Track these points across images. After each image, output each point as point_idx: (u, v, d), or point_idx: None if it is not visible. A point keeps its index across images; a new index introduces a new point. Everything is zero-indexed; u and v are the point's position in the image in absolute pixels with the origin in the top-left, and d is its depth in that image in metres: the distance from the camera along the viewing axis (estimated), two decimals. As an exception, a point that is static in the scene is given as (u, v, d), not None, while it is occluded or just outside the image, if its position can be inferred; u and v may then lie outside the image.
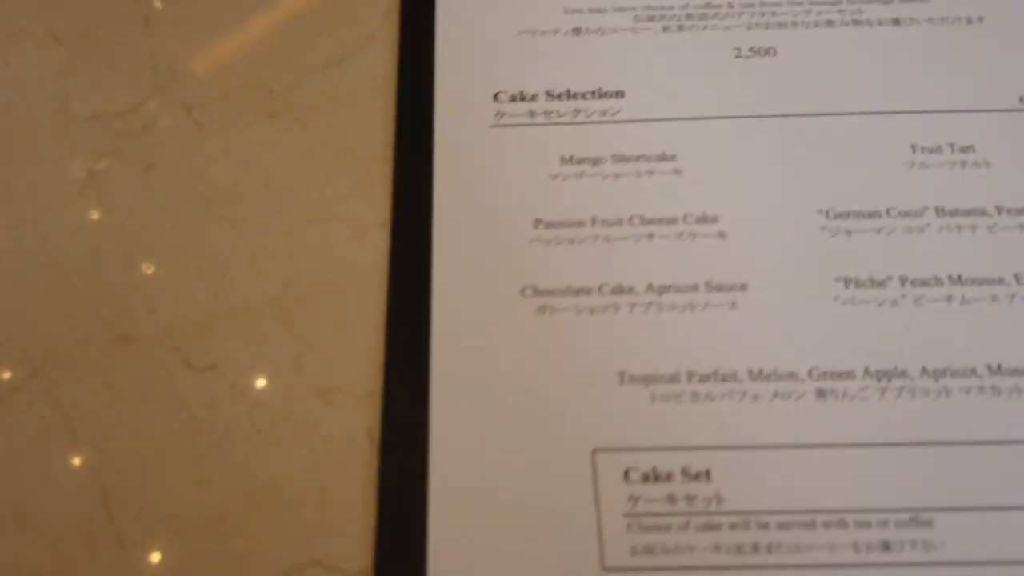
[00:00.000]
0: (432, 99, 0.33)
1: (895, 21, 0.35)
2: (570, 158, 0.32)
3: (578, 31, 0.35)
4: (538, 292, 0.29)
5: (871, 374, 0.27)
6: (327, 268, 0.31)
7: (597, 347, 0.28)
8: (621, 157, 0.32)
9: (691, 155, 0.32)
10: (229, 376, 0.29)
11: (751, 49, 0.34)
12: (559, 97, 0.33)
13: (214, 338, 0.30)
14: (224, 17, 0.37)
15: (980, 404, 0.27)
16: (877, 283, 0.29)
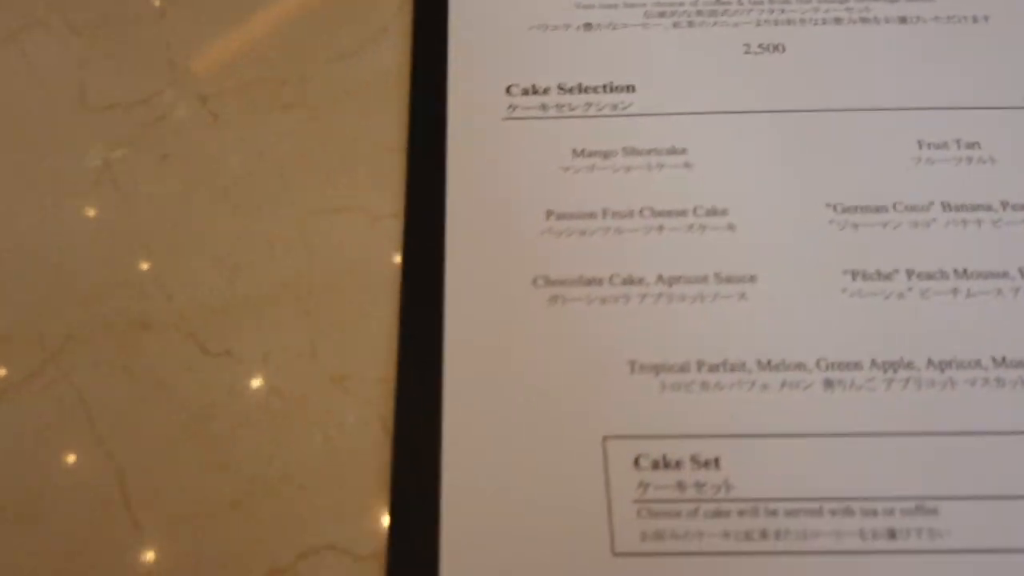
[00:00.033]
0: (445, 91, 0.34)
1: (902, 19, 0.35)
2: (582, 151, 0.32)
3: (589, 26, 0.36)
4: (550, 282, 0.30)
5: (878, 365, 0.28)
6: (341, 257, 0.31)
7: (608, 336, 0.29)
8: (632, 150, 0.32)
9: (701, 149, 0.32)
10: (244, 362, 0.29)
11: (760, 45, 0.35)
12: (571, 91, 0.34)
13: (229, 325, 0.30)
14: (239, 9, 0.38)
15: (985, 395, 0.27)
16: (884, 276, 0.29)
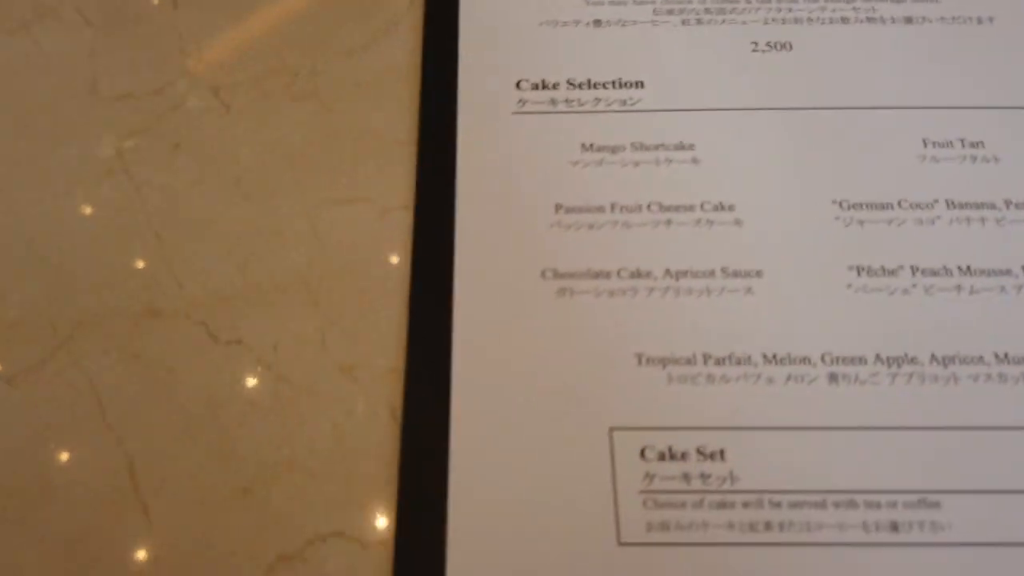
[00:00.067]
0: (456, 85, 0.34)
1: (907, 19, 0.36)
2: (591, 146, 0.33)
3: (599, 22, 0.36)
4: (558, 275, 0.30)
5: (882, 360, 0.28)
6: (351, 247, 0.31)
7: (615, 329, 0.29)
8: (640, 146, 0.32)
9: (708, 145, 0.32)
10: (254, 350, 0.29)
11: (768, 43, 0.35)
12: (580, 86, 0.34)
13: (240, 313, 0.30)
14: (251, 1, 0.38)
15: (987, 391, 0.27)
16: (889, 272, 0.30)
